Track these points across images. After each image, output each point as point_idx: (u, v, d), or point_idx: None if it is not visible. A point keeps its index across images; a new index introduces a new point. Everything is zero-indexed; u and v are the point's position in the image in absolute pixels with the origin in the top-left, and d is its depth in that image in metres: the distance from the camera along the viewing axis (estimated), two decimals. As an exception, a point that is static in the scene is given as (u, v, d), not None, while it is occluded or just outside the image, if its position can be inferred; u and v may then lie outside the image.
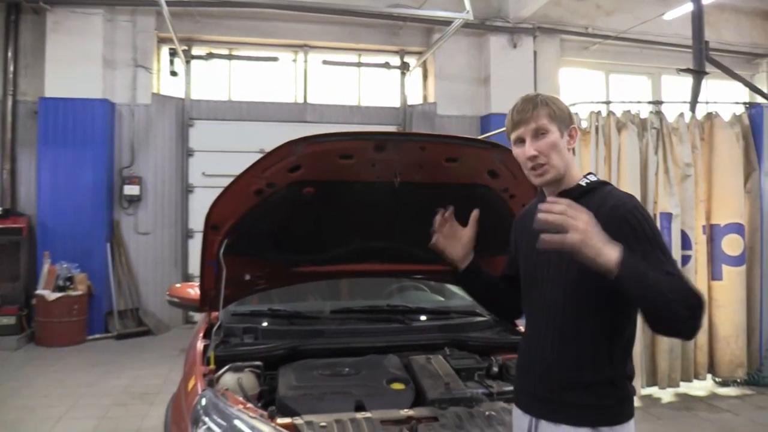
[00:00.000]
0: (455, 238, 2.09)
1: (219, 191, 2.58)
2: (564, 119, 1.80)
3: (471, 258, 2.11)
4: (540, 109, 1.77)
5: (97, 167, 8.21)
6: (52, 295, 7.47)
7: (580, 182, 1.83)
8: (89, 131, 8.15)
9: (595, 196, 1.77)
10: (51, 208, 8.04)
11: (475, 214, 2.09)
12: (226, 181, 2.56)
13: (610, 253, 1.51)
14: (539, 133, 1.77)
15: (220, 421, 2.06)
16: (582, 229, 1.51)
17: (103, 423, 4.81)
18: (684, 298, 1.55)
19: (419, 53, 9.77)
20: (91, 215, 8.14)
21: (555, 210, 1.54)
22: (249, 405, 2.21)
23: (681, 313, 1.54)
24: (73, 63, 8.09)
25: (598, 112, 5.63)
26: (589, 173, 1.88)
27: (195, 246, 8.93)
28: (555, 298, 1.79)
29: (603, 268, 1.53)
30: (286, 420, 2.14)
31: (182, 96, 9.17)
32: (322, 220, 2.82)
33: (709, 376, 5.76)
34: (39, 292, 7.55)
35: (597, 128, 5.55)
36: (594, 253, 1.51)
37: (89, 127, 8.15)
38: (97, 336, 7.97)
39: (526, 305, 1.94)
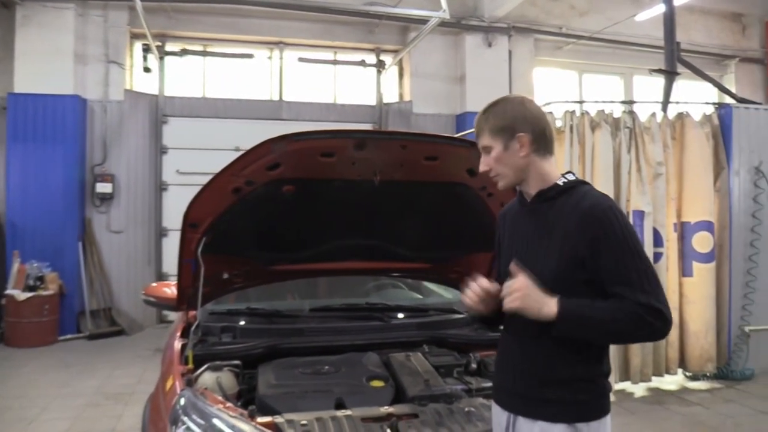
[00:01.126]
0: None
1: (194, 189, 2.57)
2: (507, 129, 1.82)
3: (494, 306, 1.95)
4: (484, 125, 1.86)
5: (68, 164, 8.05)
6: (22, 295, 7.32)
7: (558, 182, 1.85)
8: (60, 128, 8.00)
9: (572, 196, 1.80)
10: (21, 206, 7.87)
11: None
12: (201, 179, 2.54)
13: (548, 311, 1.69)
14: (486, 150, 1.88)
15: (199, 420, 2.05)
16: (520, 295, 1.70)
17: (76, 424, 4.74)
18: (636, 318, 1.66)
19: (395, 51, 9.78)
20: (62, 213, 7.99)
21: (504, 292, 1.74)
22: (228, 404, 2.20)
23: (635, 334, 1.74)
24: (43, 58, 7.93)
25: (573, 112, 5.70)
26: (568, 172, 1.90)
27: (169, 244, 8.84)
28: None
29: (546, 321, 1.70)
30: (267, 419, 2.14)
31: (156, 92, 9.05)
32: (302, 218, 2.81)
33: (680, 370, 5.89)
34: (9, 291, 7.40)
35: (571, 127, 5.62)
36: (536, 311, 1.70)
37: (60, 124, 8.00)
38: (69, 336, 7.83)
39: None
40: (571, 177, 1.87)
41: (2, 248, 7.91)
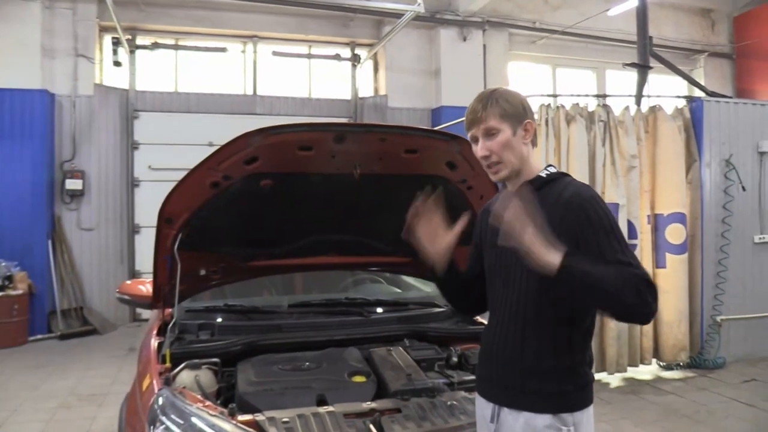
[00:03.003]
0: (434, 235, 1.94)
1: (167, 185, 2.52)
2: (516, 115, 1.82)
3: (448, 261, 1.98)
4: (490, 109, 1.80)
5: (36, 161, 7.87)
6: (-11, 295, 7.15)
7: (541, 174, 1.86)
8: (27, 123, 7.81)
9: (555, 187, 1.82)
10: (-13, 203, 7.67)
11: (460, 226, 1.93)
12: (174, 175, 2.50)
13: (552, 257, 1.60)
14: (490, 133, 1.81)
15: (178, 420, 2.01)
16: (529, 235, 1.60)
17: (49, 427, 4.63)
18: (632, 285, 1.61)
19: (370, 45, 9.76)
20: (30, 211, 7.80)
21: (509, 208, 1.61)
22: (208, 403, 2.16)
23: (629, 300, 1.61)
24: (8, 51, 7.73)
25: (548, 105, 5.74)
26: (550, 165, 1.91)
27: (142, 242, 8.70)
28: (517, 288, 1.82)
29: (547, 268, 1.61)
30: (247, 417, 2.10)
31: (126, 87, 8.88)
32: (280, 213, 2.77)
33: (654, 360, 5.97)
34: (-24, 291, 7.21)
35: (547, 121, 5.66)
36: (539, 256, 1.61)
37: (27, 119, 7.81)
38: (40, 337, 7.66)
39: (490, 294, 1.96)
40: (552, 169, 1.88)
41: (-32, 247, 7.70)
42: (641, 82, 6.67)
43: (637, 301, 1.62)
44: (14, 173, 7.72)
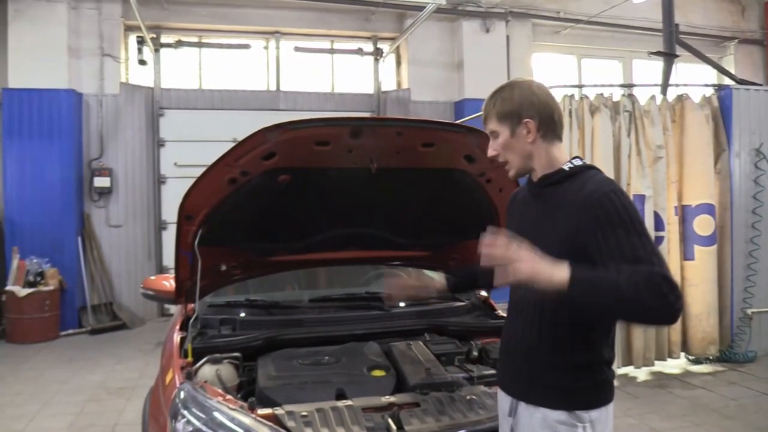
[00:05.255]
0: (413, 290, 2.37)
1: (192, 181, 2.54)
2: (513, 115, 1.79)
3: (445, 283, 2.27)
4: (490, 111, 1.84)
5: (65, 159, 8.01)
6: (22, 291, 7.31)
7: (564, 167, 1.81)
8: (56, 122, 7.94)
9: (577, 181, 1.77)
10: (18, 202, 7.84)
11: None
12: (200, 172, 2.51)
13: (560, 275, 1.57)
14: (493, 135, 1.86)
15: (199, 413, 2.03)
16: (531, 262, 1.59)
17: (78, 419, 4.73)
18: (651, 286, 1.51)
19: (392, 39, 9.72)
20: (60, 209, 7.95)
21: (496, 250, 1.62)
22: (228, 397, 2.18)
23: (649, 304, 1.52)
24: (36, 52, 7.87)
25: (572, 96, 5.66)
26: (576, 157, 1.85)
27: (169, 238, 8.80)
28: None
29: (558, 289, 1.57)
30: (267, 410, 2.12)
31: (151, 85, 8.98)
32: (298, 208, 2.78)
33: (682, 354, 5.87)
34: (9, 288, 7.38)
35: (570, 112, 5.58)
36: (547, 278, 1.58)
37: (56, 118, 7.94)
38: (71, 331, 7.82)
39: (510, 289, 1.94)
40: (578, 162, 1.82)
41: (1, 245, 7.90)
42: (667, 71, 6.54)
43: (659, 303, 1.52)
44: (44, 172, 7.87)
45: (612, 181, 1.79)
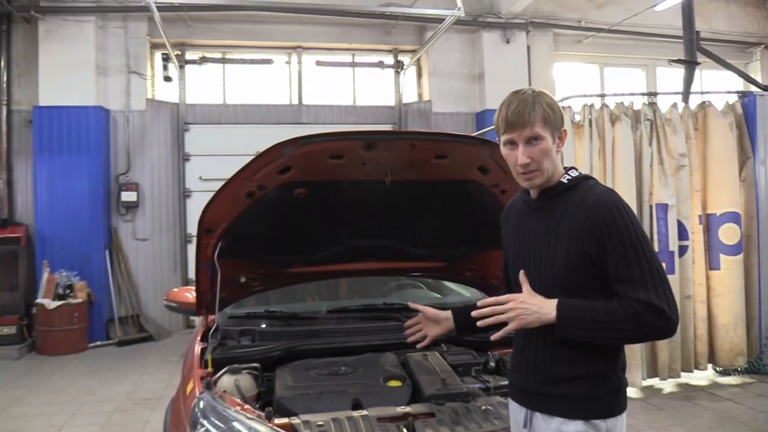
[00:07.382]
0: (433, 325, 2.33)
1: (214, 195, 2.59)
2: (556, 123, 1.78)
3: (452, 322, 2.26)
4: (536, 114, 1.73)
5: (93, 174, 8.20)
6: (52, 304, 7.48)
7: (562, 179, 1.82)
8: (84, 138, 8.15)
9: (577, 192, 1.78)
10: (48, 216, 8.04)
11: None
12: (223, 185, 2.56)
13: (549, 314, 1.72)
14: (533, 140, 1.74)
15: (218, 423, 2.07)
16: (516, 315, 1.75)
17: (105, 429, 4.83)
18: (633, 319, 1.64)
19: (413, 51, 9.77)
20: (88, 223, 8.13)
21: (485, 313, 1.80)
22: (246, 406, 2.22)
23: (633, 333, 1.70)
24: (66, 71, 8.09)
25: (591, 105, 5.64)
26: (571, 168, 1.86)
27: (194, 251, 8.90)
28: (545, 293, 1.79)
29: (550, 322, 1.73)
30: (284, 420, 2.15)
31: (177, 101, 9.17)
32: (315, 220, 2.82)
33: (709, 365, 5.76)
34: (39, 300, 7.56)
35: (591, 121, 5.56)
36: (537, 322, 1.74)
37: (84, 135, 8.15)
38: (99, 343, 7.97)
39: None
40: (574, 173, 1.84)
41: (32, 258, 8.09)
42: (688, 79, 6.48)
43: (643, 331, 1.68)
44: (73, 187, 8.07)
45: (613, 191, 1.81)
